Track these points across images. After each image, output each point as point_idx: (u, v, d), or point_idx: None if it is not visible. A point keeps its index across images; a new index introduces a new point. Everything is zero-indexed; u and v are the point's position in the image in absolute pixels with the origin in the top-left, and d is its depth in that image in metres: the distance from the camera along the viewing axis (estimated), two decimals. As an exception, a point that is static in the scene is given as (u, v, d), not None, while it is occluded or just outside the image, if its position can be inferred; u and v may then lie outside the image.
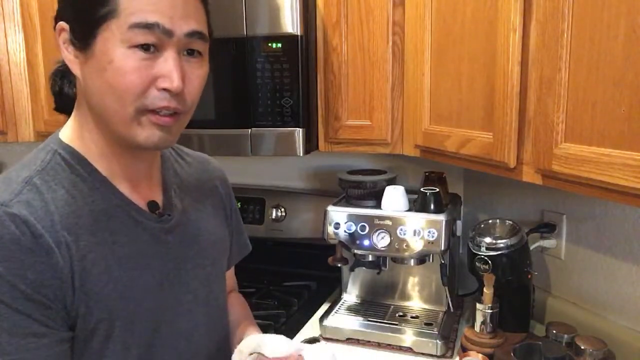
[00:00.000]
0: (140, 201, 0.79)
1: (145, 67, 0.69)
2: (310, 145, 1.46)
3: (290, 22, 1.34)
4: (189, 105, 0.74)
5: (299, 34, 1.34)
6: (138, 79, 0.68)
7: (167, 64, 0.69)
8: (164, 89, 0.70)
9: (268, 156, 1.68)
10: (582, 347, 1.11)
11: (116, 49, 0.68)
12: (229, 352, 0.91)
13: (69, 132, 0.78)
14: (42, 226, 0.67)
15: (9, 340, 0.64)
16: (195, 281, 0.85)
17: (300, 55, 1.35)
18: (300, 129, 1.39)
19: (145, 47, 0.68)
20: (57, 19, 0.73)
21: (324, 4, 1.40)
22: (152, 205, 0.81)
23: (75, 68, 0.73)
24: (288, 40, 1.35)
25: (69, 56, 0.73)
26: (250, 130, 1.41)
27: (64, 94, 0.81)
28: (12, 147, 1.76)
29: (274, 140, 1.41)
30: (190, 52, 0.73)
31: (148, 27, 0.67)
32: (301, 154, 1.40)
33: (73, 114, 0.79)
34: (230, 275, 1.07)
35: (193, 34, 0.71)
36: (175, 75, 0.69)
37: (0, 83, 1.64)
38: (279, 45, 1.36)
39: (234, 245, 1.03)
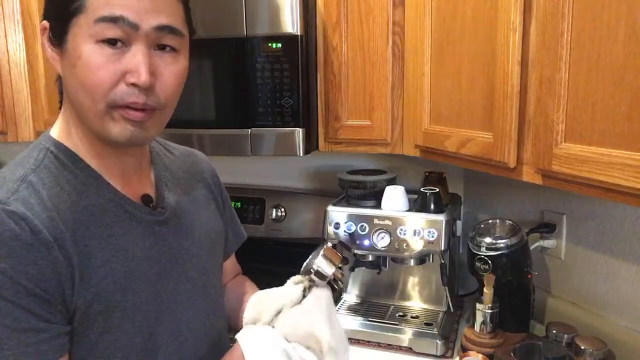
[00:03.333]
0: (133, 195, 0.80)
1: (113, 62, 0.69)
2: (310, 145, 1.46)
3: (290, 22, 1.34)
4: (163, 101, 0.73)
5: (299, 33, 1.34)
6: (106, 75, 0.69)
7: (135, 59, 0.69)
8: (133, 84, 0.69)
9: (268, 156, 1.68)
10: (582, 347, 1.11)
11: (84, 45, 0.68)
12: (227, 340, 0.95)
13: (58, 130, 0.79)
14: (40, 222, 0.67)
15: (10, 336, 0.65)
16: (193, 271, 0.86)
17: (300, 55, 1.35)
18: (300, 129, 1.39)
19: (112, 42, 0.68)
20: (42, 18, 0.75)
21: (324, 4, 1.40)
22: (145, 198, 0.82)
23: (56, 66, 0.74)
24: (288, 40, 1.35)
25: (51, 54, 0.74)
26: (250, 130, 1.41)
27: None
28: (12, 147, 1.75)
29: (274, 140, 1.41)
30: (162, 47, 0.72)
31: (113, 20, 0.67)
32: (301, 154, 1.40)
33: (61, 111, 0.80)
34: (233, 262, 1.11)
35: (162, 28, 0.71)
36: (143, 69, 0.69)
37: (1, 83, 1.64)
38: (279, 45, 1.35)
39: (229, 234, 1.05)
